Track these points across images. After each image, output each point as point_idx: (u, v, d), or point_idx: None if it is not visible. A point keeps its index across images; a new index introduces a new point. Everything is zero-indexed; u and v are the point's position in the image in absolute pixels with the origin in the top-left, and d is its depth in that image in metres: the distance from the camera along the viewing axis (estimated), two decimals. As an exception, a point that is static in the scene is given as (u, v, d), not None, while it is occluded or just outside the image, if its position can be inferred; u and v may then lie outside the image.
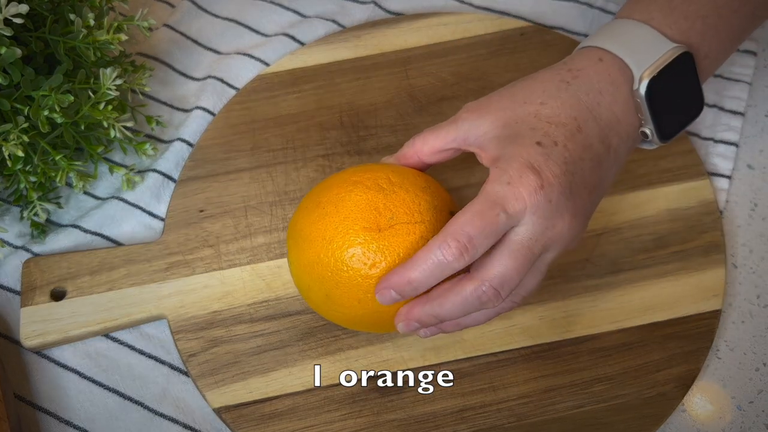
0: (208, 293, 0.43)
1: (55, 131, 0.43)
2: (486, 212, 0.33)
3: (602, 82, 0.36)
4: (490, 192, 0.34)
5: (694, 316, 0.42)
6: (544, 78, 0.37)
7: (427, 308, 0.35)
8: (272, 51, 0.51)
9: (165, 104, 0.50)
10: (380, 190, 0.36)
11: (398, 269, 0.34)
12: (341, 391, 0.41)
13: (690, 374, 0.40)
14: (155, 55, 0.51)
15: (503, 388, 0.40)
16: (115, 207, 0.46)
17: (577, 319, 0.42)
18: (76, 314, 0.43)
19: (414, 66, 0.50)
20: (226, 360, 0.41)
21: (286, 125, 0.48)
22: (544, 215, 0.34)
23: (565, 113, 0.35)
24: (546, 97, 0.36)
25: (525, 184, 0.33)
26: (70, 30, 0.42)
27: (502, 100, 0.36)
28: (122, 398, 0.41)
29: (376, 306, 0.36)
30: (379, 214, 0.35)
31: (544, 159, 0.34)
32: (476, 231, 0.33)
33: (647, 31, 0.37)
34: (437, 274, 0.34)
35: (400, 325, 0.36)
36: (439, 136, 0.37)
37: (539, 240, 0.34)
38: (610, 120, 0.36)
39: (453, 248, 0.33)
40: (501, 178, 0.34)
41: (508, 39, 0.51)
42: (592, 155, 0.35)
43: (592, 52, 0.37)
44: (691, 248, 0.44)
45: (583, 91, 0.36)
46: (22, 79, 0.40)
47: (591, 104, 0.36)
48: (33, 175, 0.43)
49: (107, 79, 0.42)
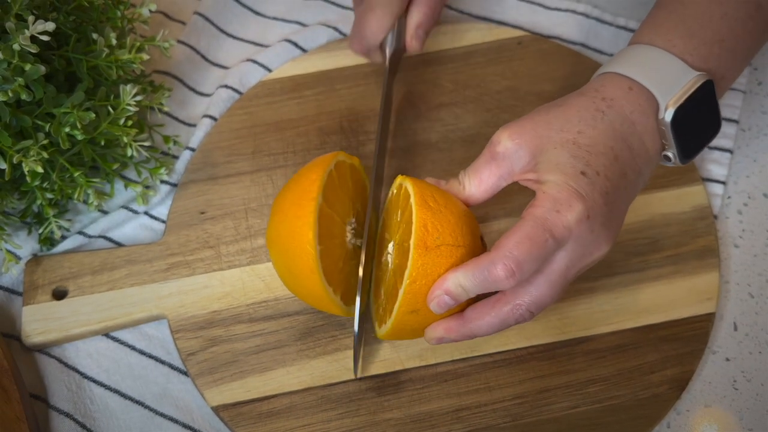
0: (208, 293, 0.45)
1: (73, 148, 0.44)
2: (536, 237, 0.35)
3: (634, 112, 0.38)
4: (539, 217, 0.36)
5: (688, 318, 0.43)
6: (579, 106, 0.38)
7: (466, 330, 0.38)
8: (275, 56, 0.54)
9: (179, 121, 0.52)
10: (429, 208, 0.38)
11: (448, 275, 0.37)
12: (338, 390, 0.42)
13: (684, 376, 0.42)
14: (169, 71, 0.54)
15: (499, 389, 0.42)
16: (120, 214, 0.48)
17: (573, 321, 0.44)
18: (77, 313, 0.45)
19: (413, 73, 0.52)
20: (225, 359, 0.43)
21: (287, 130, 0.51)
22: (584, 244, 0.36)
23: (603, 143, 0.37)
24: (583, 126, 0.38)
25: (574, 213, 0.36)
26: (92, 49, 0.45)
27: (537, 127, 0.38)
28: (122, 398, 0.43)
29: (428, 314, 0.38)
30: (426, 232, 0.37)
31: (590, 189, 0.36)
32: (525, 255, 0.35)
33: (670, 60, 0.39)
34: (485, 288, 0.36)
35: (432, 342, 0.39)
36: (485, 179, 0.39)
37: (576, 267, 0.37)
38: (640, 148, 0.38)
39: (501, 271, 0.35)
40: (550, 205, 0.36)
41: (506, 47, 0.53)
42: (626, 184, 0.38)
43: (622, 81, 0.39)
44: (685, 252, 0.45)
45: (618, 121, 0.38)
46: (44, 97, 0.42)
47: (625, 134, 0.38)
48: (50, 192, 0.45)
49: (127, 95, 0.44)
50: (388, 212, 0.42)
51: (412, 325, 0.39)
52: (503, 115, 0.51)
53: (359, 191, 0.43)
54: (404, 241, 0.38)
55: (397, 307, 0.38)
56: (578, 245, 0.36)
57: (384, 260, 0.41)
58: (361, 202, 0.43)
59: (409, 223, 0.38)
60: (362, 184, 0.44)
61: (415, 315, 0.38)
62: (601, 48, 0.54)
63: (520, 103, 0.51)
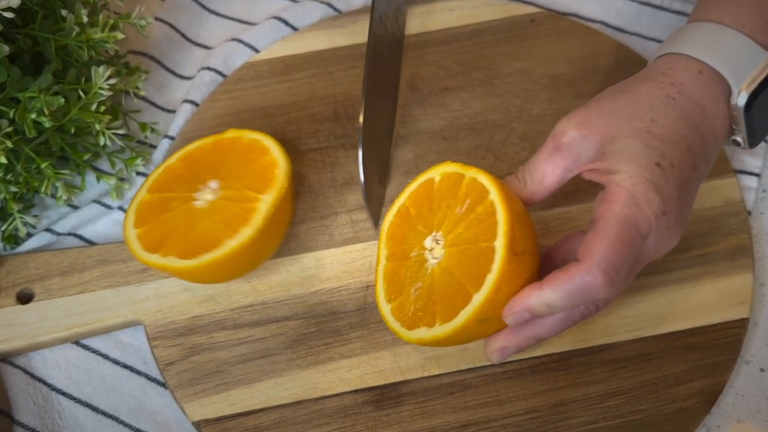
0: (189, 297, 0.44)
1: (40, 137, 0.43)
2: (627, 238, 0.35)
3: (705, 97, 0.38)
4: (621, 215, 0.35)
5: (718, 324, 0.42)
6: (648, 92, 0.38)
7: (529, 334, 0.38)
8: (263, 35, 0.53)
9: (157, 107, 0.51)
10: (515, 210, 0.37)
11: (530, 292, 0.36)
12: (332, 403, 0.41)
13: (714, 388, 0.41)
14: (146, 52, 0.53)
15: (509, 402, 0.41)
16: (91, 209, 0.47)
17: (591, 327, 0.42)
18: (44, 318, 0.44)
19: (415, 54, 0.51)
20: (207, 369, 0.42)
21: (276, 116, 0.49)
22: (659, 239, 0.37)
23: (676, 131, 0.37)
24: (655, 114, 0.38)
25: (652, 207, 0.36)
26: (61, 27, 0.43)
27: (603, 116, 0.38)
28: (94, 412, 0.42)
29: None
30: (515, 237, 0.37)
31: (665, 182, 0.36)
32: (621, 259, 0.35)
33: (741, 40, 0.39)
34: (577, 302, 0.36)
35: (495, 356, 0.39)
36: (550, 173, 0.39)
37: (646, 262, 0.37)
38: (710, 134, 0.39)
39: (600, 281, 0.35)
40: (628, 199, 0.36)
41: (518, 26, 0.52)
42: (697, 175, 0.38)
43: (691, 64, 0.39)
44: (716, 251, 0.44)
45: (689, 107, 0.38)
46: (8, 79, 0.41)
47: (696, 121, 0.38)
48: (14, 185, 0.44)
49: (100, 77, 0.43)
50: (426, 201, 0.40)
51: (473, 334, 0.38)
52: (514, 100, 0.50)
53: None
54: (477, 240, 0.37)
55: (469, 313, 0.36)
56: (654, 241, 0.36)
57: (416, 255, 0.39)
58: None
59: (488, 222, 0.37)
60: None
61: (483, 324, 0.37)
62: (622, 26, 0.53)
63: (534, 86, 0.50)
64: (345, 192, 0.47)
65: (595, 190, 0.38)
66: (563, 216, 0.46)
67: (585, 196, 0.46)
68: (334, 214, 0.46)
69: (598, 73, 0.50)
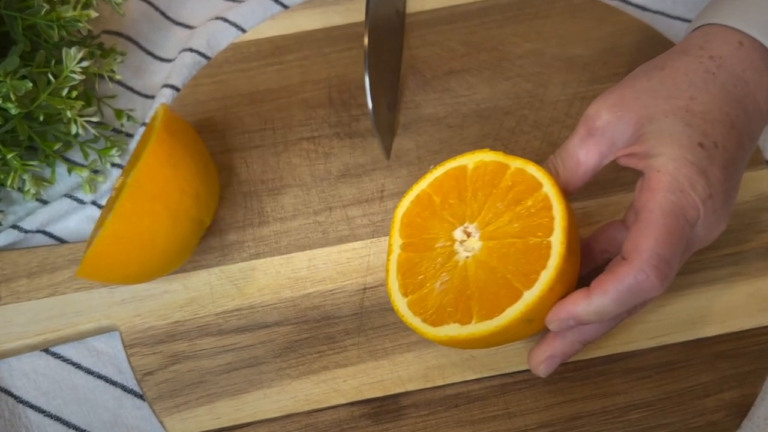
0: (169, 300, 0.43)
1: (6, 124, 0.42)
2: (675, 229, 0.35)
3: (746, 70, 0.38)
4: (666, 203, 0.35)
5: (750, 330, 0.42)
6: (686, 68, 0.38)
7: (576, 337, 0.38)
8: (250, 13, 0.52)
9: (134, 92, 0.51)
10: (570, 208, 0.37)
11: (577, 299, 0.36)
12: (326, 417, 0.40)
13: (745, 400, 0.40)
14: (122, 32, 0.52)
15: (521, 415, 0.40)
16: (62, 204, 0.46)
17: (610, 333, 0.41)
18: (10, 324, 0.43)
19: (416, 34, 0.50)
20: (189, 379, 0.41)
21: (265, 102, 0.48)
22: (707, 225, 0.36)
23: (719, 108, 0.37)
24: (695, 91, 0.37)
25: (698, 192, 0.35)
26: (29, 5, 0.43)
27: (639, 96, 0.37)
28: (65, 426, 0.42)
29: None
30: (571, 236, 0.37)
31: (708, 163, 0.36)
32: (671, 253, 0.35)
33: None
34: (630, 303, 0.35)
35: (542, 368, 0.39)
36: (584, 160, 0.38)
37: (694, 249, 0.37)
38: (755, 110, 0.38)
39: (654, 278, 0.34)
40: (671, 185, 0.35)
41: (528, 3, 0.51)
42: (743, 154, 0.38)
43: (730, 35, 0.38)
44: (747, 250, 0.43)
45: (731, 82, 0.38)
46: None
47: (739, 96, 0.38)
48: None
49: (71, 59, 0.42)
50: (455, 189, 0.39)
51: (515, 334, 0.37)
52: (526, 84, 0.48)
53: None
54: (527, 235, 0.37)
55: (518, 311, 0.36)
56: (702, 228, 0.36)
57: (441, 246, 0.38)
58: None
59: (541, 217, 0.37)
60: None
61: (528, 325, 0.37)
62: (644, 4, 0.52)
63: (547, 69, 0.49)
64: (340, 185, 0.46)
65: (614, 182, 0.37)
66: (580, 212, 0.45)
67: (604, 190, 0.45)
68: (328, 209, 0.45)
69: (619, 55, 0.49)
